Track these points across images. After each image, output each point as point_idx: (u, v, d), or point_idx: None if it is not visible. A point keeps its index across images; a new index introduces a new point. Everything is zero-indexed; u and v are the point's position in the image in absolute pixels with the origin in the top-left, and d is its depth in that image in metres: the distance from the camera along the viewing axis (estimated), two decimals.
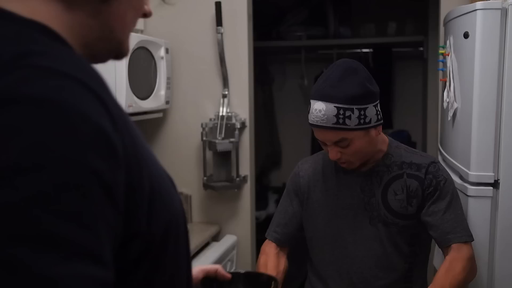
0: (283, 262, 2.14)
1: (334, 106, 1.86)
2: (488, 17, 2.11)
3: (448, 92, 2.44)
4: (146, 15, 1.03)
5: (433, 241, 2.07)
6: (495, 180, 2.16)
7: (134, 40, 2.72)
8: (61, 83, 0.71)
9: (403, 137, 4.55)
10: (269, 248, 2.17)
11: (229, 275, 1.52)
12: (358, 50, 4.92)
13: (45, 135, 0.67)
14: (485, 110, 2.14)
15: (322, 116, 1.88)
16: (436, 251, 2.38)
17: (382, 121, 1.97)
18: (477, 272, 2.01)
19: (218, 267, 1.51)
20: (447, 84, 2.46)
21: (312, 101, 1.92)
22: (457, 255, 1.93)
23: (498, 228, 2.16)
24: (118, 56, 0.97)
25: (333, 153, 1.95)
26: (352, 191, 2.06)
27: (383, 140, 2.07)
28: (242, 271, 1.63)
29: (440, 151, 2.76)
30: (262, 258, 2.15)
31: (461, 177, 2.28)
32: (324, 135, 1.93)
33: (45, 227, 0.65)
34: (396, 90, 4.96)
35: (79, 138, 0.68)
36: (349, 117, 1.86)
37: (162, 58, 3.01)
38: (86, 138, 0.69)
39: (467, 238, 1.97)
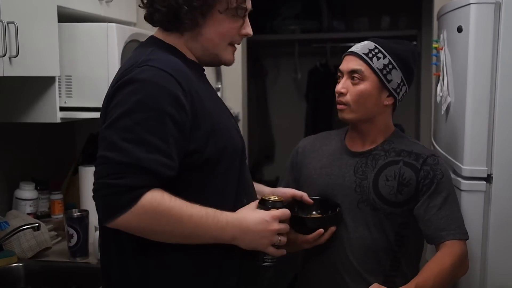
0: None
1: (374, 44, 2.04)
2: (482, 11, 2.11)
3: (441, 86, 2.44)
4: (246, 35, 1.80)
5: None
6: (488, 175, 2.16)
7: (126, 33, 2.70)
8: (158, 73, 1.55)
9: None
10: None
11: (311, 201, 2.06)
12: (352, 44, 4.90)
13: (146, 97, 1.52)
14: (478, 104, 2.14)
15: (359, 45, 2.07)
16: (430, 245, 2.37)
17: (396, 100, 2.05)
18: (468, 269, 2.00)
19: (304, 194, 2.06)
20: (441, 78, 2.45)
21: None
22: (449, 250, 1.92)
23: (491, 222, 2.16)
24: (224, 64, 1.83)
25: (340, 85, 2.04)
26: (345, 172, 2.07)
27: (389, 126, 2.10)
28: (315, 197, 2.09)
29: (433, 145, 2.76)
30: None
31: (454, 172, 2.27)
32: (347, 62, 2.06)
33: (141, 136, 1.50)
34: None
35: (162, 98, 1.53)
36: (378, 58, 2.00)
37: None
38: (166, 98, 1.53)
39: (461, 235, 1.95)
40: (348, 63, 2.04)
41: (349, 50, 2.07)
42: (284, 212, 1.71)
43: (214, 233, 1.59)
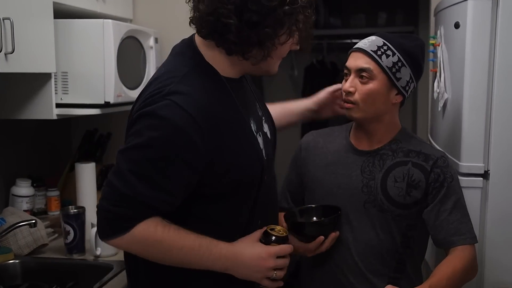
0: None
1: (382, 40, 1.96)
2: (479, 7, 2.10)
3: (438, 83, 2.44)
4: (294, 49, 1.76)
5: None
6: (485, 171, 2.16)
7: (122, 29, 2.70)
8: (180, 114, 1.53)
9: None
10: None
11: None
12: (348, 41, 4.91)
13: (162, 137, 1.54)
14: (475, 100, 2.13)
15: (367, 41, 1.98)
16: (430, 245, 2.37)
17: (404, 99, 2.00)
18: (477, 273, 1.99)
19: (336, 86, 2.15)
20: (438, 74, 2.45)
21: None
22: (460, 255, 1.90)
23: (488, 218, 2.16)
24: (270, 75, 1.83)
25: (349, 83, 1.97)
26: (351, 171, 2.02)
27: (395, 124, 2.05)
28: (313, 205, 2.07)
29: (430, 142, 2.76)
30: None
31: None
32: (355, 60, 1.97)
33: (147, 172, 1.55)
34: None
35: (177, 141, 1.54)
36: (387, 56, 1.93)
37: (151, 47, 2.99)
38: (181, 141, 1.54)
39: (471, 240, 1.93)
40: (356, 61, 1.96)
41: (356, 46, 1.99)
42: (284, 248, 1.73)
43: (206, 263, 1.66)
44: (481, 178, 2.16)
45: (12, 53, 2.09)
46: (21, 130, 2.95)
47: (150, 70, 3.00)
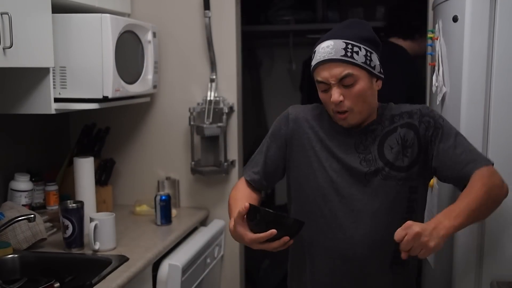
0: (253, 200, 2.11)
1: (343, 41, 1.94)
2: (478, 1, 2.10)
3: (436, 77, 2.44)
4: None
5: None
6: None
7: (121, 23, 2.70)
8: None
9: None
10: (242, 185, 2.18)
11: None
12: None
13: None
14: (474, 94, 2.13)
15: (330, 50, 1.94)
16: None
17: (382, 76, 2.04)
18: (508, 190, 1.94)
19: None
20: (436, 68, 2.45)
21: (319, 44, 1.99)
22: (477, 177, 1.89)
23: None
24: None
25: (336, 94, 1.94)
26: (346, 149, 2.04)
27: (376, 102, 2.10)
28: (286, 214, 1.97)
29: None
30: (232, 192, 2.16)
31: None
32: (330, 71, 1.94)
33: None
34: (384, 74, 4.93)
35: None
36: (357, 53, 1.93)
37: (149, 42, 2.99)
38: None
39: (486, 162, 1.95)
40: (333, 71, 1.93)
41: (324, 58, 1.94)
42: None
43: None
44: None
45: (10, 47, 2.09)
46: (19, 125, 2.95)
47: (148, 65, 3.00)
